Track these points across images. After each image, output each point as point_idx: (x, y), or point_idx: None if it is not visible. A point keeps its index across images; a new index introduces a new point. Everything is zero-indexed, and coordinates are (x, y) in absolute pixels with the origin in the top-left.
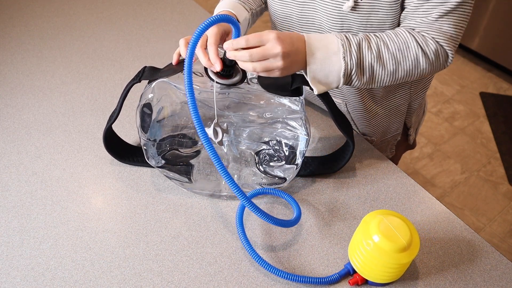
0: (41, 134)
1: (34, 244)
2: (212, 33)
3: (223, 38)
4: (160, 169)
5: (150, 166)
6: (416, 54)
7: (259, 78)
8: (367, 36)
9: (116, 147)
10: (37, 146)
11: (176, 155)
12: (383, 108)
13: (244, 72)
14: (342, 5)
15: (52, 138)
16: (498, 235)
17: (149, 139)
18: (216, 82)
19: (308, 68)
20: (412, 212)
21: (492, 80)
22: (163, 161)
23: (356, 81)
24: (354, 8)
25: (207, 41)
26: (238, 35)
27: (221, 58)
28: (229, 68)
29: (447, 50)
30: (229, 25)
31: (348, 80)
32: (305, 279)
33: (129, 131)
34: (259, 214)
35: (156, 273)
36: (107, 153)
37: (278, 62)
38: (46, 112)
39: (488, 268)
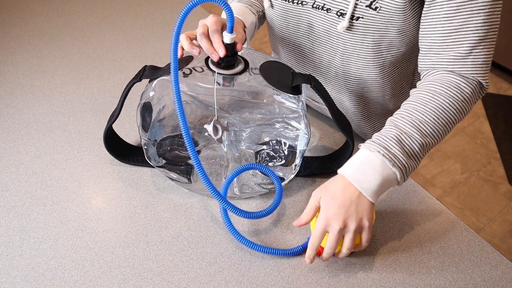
0: (41, 134)
1: (34, 244)
2: (212, 22)
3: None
4: (160, 168)
5: (150, 166)
6: (456, 114)
7: (261, 69)
8: (400, 126)
9: (116, 147)
10: (37, 146)
11: (176, 155)
12: (381, 113)
13: (246, 62)
14: (337, 25)
15: (52, 138)
16: (498, 235)
17: (150, 139)
18: (218, 73)
19: (372, 198)
20: (412, 212)
21: (492, 80)
22: (163, 161)
23: (417, 163)
24: (349, 28)
25: (208, 31)
26: (231, 18)
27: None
28: (230, 58)
29: (482, 82)
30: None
31: (409, 172)
32: (271, 251)
33: (129, 131)
34: (234, 211)
35: (156, 273)
36: (107, 153)
37: (336, 225)
38: (46, 112)
39: (488, 268)
